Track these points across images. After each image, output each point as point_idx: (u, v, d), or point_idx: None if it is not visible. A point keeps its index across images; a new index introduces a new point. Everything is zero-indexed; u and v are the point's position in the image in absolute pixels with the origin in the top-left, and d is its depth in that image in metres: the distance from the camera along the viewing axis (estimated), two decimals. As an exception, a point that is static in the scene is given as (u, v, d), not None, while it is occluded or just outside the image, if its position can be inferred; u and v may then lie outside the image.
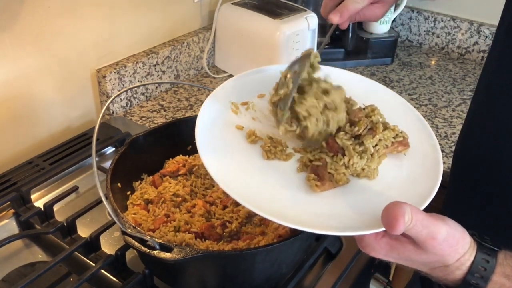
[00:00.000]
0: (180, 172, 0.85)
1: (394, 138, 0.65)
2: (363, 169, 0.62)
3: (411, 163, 0.66)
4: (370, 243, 0.53)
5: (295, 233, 0.71)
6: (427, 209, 0.57)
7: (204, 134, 0.63)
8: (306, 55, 0.67)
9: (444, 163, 1.09)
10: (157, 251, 0.60)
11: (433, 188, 0.60)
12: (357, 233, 0.52)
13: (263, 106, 0.72)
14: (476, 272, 0.53)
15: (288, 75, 0.66)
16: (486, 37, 1.56)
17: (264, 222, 0.76)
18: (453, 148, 1.13)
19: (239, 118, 0.69)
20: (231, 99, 0.71)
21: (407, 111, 0.74)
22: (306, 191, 0.60)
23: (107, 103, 0.73)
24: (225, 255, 0.65)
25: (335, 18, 0.70)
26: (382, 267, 0.88)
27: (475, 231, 0.55)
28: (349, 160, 0.62)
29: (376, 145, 0.63)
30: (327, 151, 0.63)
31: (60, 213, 0.88)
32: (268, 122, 0.70)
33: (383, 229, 0.50)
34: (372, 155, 0.63)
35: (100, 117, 0.70)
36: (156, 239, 0.61)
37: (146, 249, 0.60)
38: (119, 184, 0.77)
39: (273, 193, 0.59)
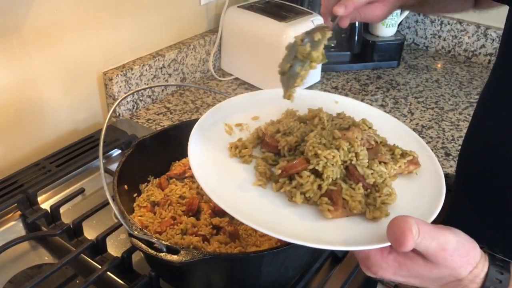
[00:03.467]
0: (186, 175, 0.84)
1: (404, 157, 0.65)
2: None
3: (414, 177, 0.65)
4: (376, 261, 0.50)
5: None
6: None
7: (197, 153, 0.63)
8: (320, 28, 0.66)
9: (451, 166, 1.08)
10: (164, 253, 0.60)
11: (439, 200, 0.59)
12: (362, 248, 0.50)
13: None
14: (491, 285, 0.50)
15: (306, 39, 0.65)
16: (493, 40, 1.55)
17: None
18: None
19: (233, 138, 0.69)
20: (225, 121, 0.71)
21: (395, 126, 0.74)
22: (309, 207, 0.59)
23: (114, 106, 0.73)
24: (232, 258, 0.64)
25: (340, 10, 0.69)
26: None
27: (483, 243, 0.54)
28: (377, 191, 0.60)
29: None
30: (345, 178, 0.61)
31: (67, 215, 0.89)
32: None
33: (389, 243, 0.48)
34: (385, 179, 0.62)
35: (107, 120, 0.70)
36: (163, 242, 0.61)
37: (153, 251, 0.60)
38: (125, 186, 0.77)
39: (272, 209, 0.58)
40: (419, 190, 0.63)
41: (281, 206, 0.59)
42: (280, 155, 0.66)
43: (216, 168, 0.63)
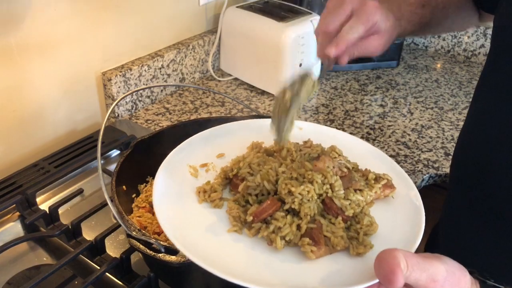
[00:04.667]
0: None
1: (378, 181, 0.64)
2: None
3: (390, 200, 0.64)
4: None
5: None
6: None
7: (162, 202, 0.59)
8: (304, 77, 0.66)
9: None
10: (162, 254, 0.60)
11: (420, 226, 0.58)
12: None
13: (222, 166, 0.68)
14: None
15: (287, 95, 0.64)
16: (493, 40, 1.55)
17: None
18: (460, 151, 1.13)
19: (198, 181, 0.65)
20: (188, 162, 0.68)
21: (360, 146, 0.74)
22: (289, 249, 0.56)
23: (113, 106, 0.73)
24: (230, 258, 0.64)
25: (331, 51, 0.66)
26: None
27: (478, 240, 0.52)
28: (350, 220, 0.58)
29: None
30: (322, 213, 0.59)
31: (65, 216, 0.88)
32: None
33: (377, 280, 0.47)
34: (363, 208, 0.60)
35: (105, 120, 0.70)
36: (162, 242, 0.61)
37: (151, 252, 0.60)
38: (124, 187, 0.77)
39: (250, 256, 0.54)
40: (398, 214, 0.61)
41: (259, 250, 0.55)
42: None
43: (185, 215, 0.59)
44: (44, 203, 0.92)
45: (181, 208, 0.60)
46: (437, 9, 0.81)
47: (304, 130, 0.77)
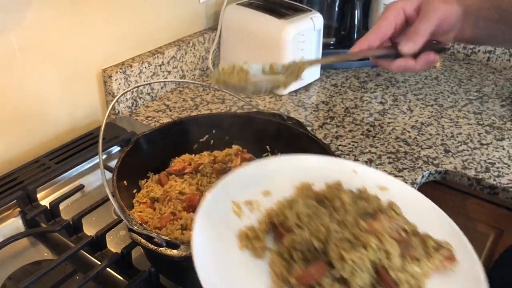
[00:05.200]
0: (186, 171, 0.84)
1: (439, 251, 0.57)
2: None
3: (449, 279, 0.56)
4: None
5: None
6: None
7: (202, 244, 0.54)
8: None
9: (450, 163, 1.08)
10: (163, 248, 0.60)
11: None
12: None
13: (268, 206, 0.62)
14: None
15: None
16: (492, 37, 1.55)
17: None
18: (459, 148, 1.13)
19: (241, 222, 0.59)
20: (233, 197, 0.62)
21: (418, 202, 0.66)
22: None
23: (113, 102, 0.74)
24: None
25: (407, 47, 0.67)
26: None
27: None
28: None
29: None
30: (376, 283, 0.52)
31: (66, 211, 0.88)
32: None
33: None
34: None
35: (106, 116, 0.70)
36: (163, 236, 0.61)
37: (152, 246, 0.60)
38: (125, 182, 0.77)
39: None
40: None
41: None
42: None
43: (225, 261, 0.54)
44: (45, 199, 0.92)
45: (221, 252, 0.55)
46: None
47: (359, 175, 0.70)
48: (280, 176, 0.67)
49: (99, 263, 0.76)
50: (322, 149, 0.81)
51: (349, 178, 0.67)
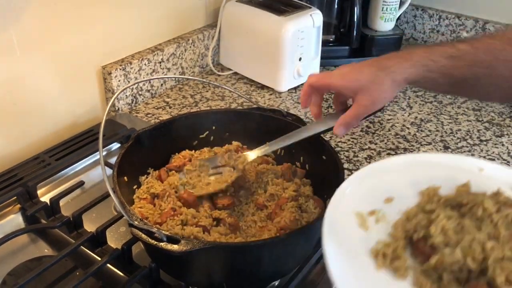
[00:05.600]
0: (186, 167, 0.85)
1: None
2: None
3: None
4: None
5: (294, 224, 0.72)
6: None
7: (340, 270, 0.50)
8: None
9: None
10: (164, 243, 0.60)
11: None
12: None
13: (393, 215, 0.57)
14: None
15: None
16: (491, 34, 1.55)
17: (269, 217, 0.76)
18: (459, 145, 1.13)
19: (369, 236, 0.54)
20: (354, 208, 0.57)
21: None
22: None
23: (113, 98, 0.74)
24: (232, 247, 0.65)
25: (340, 131, 0.72)
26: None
27: None
28: None
29: None
30: None
31: (66, 208, 0.88)
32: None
33: None
34: None
35: (106, 112, 0.70)
36: (163, 231, 0.61)
37: (153, 241, 0.60)
38: (125, 178, 0.77)
39: None
40: None
41: None
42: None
43: (366, 284, 0.50)
44: (45, 195, 0.92)
45: (359, 275, 0.51)
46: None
47: (486, 172, 0.63)
48: (398, 179, 0.62)
49: (100, 259, 0.76)
50: (322, 144, 0.81)
51: (476, 178, 0.60)
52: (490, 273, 0.46)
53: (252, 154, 0.81)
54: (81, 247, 0.78)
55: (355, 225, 0.56)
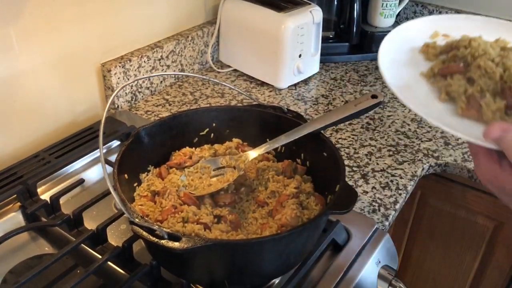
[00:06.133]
0: (186, 164, 0.84)
1: None
2: None
3: None
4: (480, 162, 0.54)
5: (295, 221, 0.72)
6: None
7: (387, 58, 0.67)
8: None
9: (450, 155, 1.08)
10: (165, 240, 0.60)
11: None
12: (470, 139, 0.54)
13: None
14: None
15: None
16: (492, 30, 1.55)
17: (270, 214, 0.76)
18: (459, 141, 1.13)
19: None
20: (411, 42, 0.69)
21: None
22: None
23: (113, 95, 0.73)
24: (233, 244, 0.64)
25: None
26: (389, 257, 0.87)
27: None
28: None
29: None
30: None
31: (66, 206, 0.88)
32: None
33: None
34: None
35: (106, 110, 0.70)
36: (165, 229, 0.61)
37: (154, 238, 0.60)
38: (126, 176, 0.77)
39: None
40: None
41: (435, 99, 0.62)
42: None
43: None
44: (45, 193, 0.92)
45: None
46: None
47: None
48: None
49: (100, 257, 0.76)
50: (322, 141, 0.80)
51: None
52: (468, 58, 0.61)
53: (253, 153, 0.81)
54: (82, 245, 0.78)
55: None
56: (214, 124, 0.90)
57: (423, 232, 1.27)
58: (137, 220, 0.62)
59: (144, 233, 0.61)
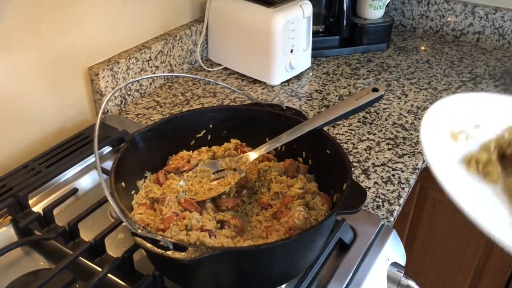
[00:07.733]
0: (184, 168, 0.81)
1: None
2: None
3: None
4: None
5: (303, 223, 0.69)
6: None
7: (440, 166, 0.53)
8: None
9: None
10: (171, 251, 0.57)
11: None
12: None
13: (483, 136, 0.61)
14: None
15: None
16: (481, 18, 1.54)
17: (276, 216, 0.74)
18: (458, 131, 1.11)
19: (461, 148, 0.58)
20: (448, 128, 0.61)
21: None
22: None
23: (107, 99, 0.70)
24: (243, 251, 0.61)
25: None
26: (397, 254, 0.86)
27: None
28: None
29: None
30: None
31: (60, 217, 0.84)
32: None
33: None
34: None
35: (99, 114, 0.67)
36: (169, 239, 0.58)
37: (159, 250, 0.57)
38: (123, 184, 0.74)
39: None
40: None
41: None
42: None
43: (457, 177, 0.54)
44: (37, 205, 0.88)
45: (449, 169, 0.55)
46: None
47: None
48: (484, 109, 0.64)
49: (100, 269, 0.72)
50: (325, 138, 0.78)
51: None
52: None
53: (253, 154, 0.79)
54: (80, 258, 0.74)
55: (447, 137, 0.59)
56: (211, 125, 0.87)
57: (424, 224, 1.26)
58: (139, 231, 0.59)
59: (148, 245, 0.58)
